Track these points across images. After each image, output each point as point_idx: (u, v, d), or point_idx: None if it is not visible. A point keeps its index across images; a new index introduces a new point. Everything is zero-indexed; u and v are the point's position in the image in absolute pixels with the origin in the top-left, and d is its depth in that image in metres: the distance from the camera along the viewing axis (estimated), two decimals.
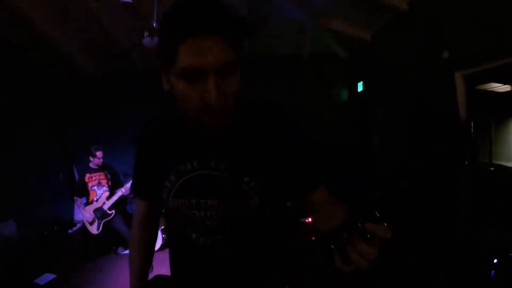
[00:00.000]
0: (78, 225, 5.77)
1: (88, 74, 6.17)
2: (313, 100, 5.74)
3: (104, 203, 4.20)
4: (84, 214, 4.20)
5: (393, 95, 4.67)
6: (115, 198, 4.21)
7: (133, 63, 6.04)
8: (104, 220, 4.20)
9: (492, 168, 3.58)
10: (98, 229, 4.19)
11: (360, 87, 5.49)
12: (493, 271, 2.53)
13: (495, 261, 2.55)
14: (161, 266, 4.15)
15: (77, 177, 4.59)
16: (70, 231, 5.69)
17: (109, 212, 4.20)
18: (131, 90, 6.30)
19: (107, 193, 4.24)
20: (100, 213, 4.19)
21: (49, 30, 4.67)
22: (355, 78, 5.60)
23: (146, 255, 1.24)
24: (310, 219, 4.84)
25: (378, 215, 0.66)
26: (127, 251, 4.66)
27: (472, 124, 3.37)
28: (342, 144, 5.48)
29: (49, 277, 3.84)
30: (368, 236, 0.64)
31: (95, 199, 4.24)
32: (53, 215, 5.80)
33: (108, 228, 4.23)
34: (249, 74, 5.30)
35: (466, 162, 3.38)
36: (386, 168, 4.78)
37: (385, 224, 0.66)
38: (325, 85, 5.84)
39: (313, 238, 4.55)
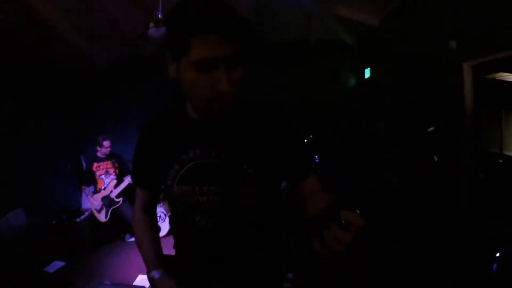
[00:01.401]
0: (86, 214, 5.82)
1: (94, 64, 6.16)
2: (320, 87, 5.68)
3: (111, 191, 4.23)
4: (92, 202, 4.22)
5: (400, 82, 4.61)
6: (122, 186, 4.25)
7: (139, 52, 6.02)
8: (111, 208, 4.23)
9: (501, 160, 3.54)
10: (106, 216, 4.23)
11: (367, 73, 5.42)
12: (495, 265, 2.52)
13: (498, 254, 2.53)
14: (168, 252, 4.19)
15: (84, 166, 4.60)
16: (78, 219, 5.74)
17: (117, 200, 4.24)
18: (138, 79, 6.29)
19: (115, 181, 4.27)
20: (107, 201, 4.22)
21: (54, 21, 4.67)
22: (363, 65, 5.53)
23: (154, 235, 1.29)
24: None
25: (354, 206, 0.72)
26: (134, 238, 4.70)
27: (481, 114, 3.33)
28: (348, 131, 5.45)
29: (58, 264, 3.88)
30: (343, 222, 0.69)
31: (102, 187, 4.26)
32: (61, 204, 5.86)
33: (116, 215, 4.26)
34: (257, 61, 5.31)
35: (472, 153, 3.33)
36: (390, 155, 4.74)
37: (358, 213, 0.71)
38: (332, 71, 5.77)
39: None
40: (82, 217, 5.83)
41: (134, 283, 3.39)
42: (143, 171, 1.20)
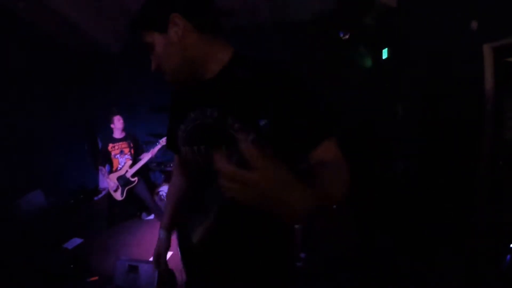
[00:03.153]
0: (103, 193, 5.95)
1: (108, 47, 6.17)
2: (335, 67, 5.57)
3: (127, 171, 4.31)
4: (108, 182, 4.32)
5: (418, 64, 4.47)
6: (137, 166, 4.32)
7: None
8: (127, 187, 4.31)
9: None
10: (122, 195, 4.32)
11: (385, 54, 5.27)
12: (508, 256, 2.48)
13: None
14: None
15: (100, 146, 4.68)
16: (95, 198, 5.89)
17: (132, 179, 4.32)
18: (150, 60, 6.28)
19: (130, 161, 4.34)
20: (123, 180, 4.30)
21: (66, 6, 4.66)
22: (380, 45, 5.37)
23: (177, 197, 1.43)
24: None
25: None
26: (150, 217, 4.80)
27: (503, 98, 3.21)
28: (364, 112, 5.35)
29: (76, 241, 4.02)
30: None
31: (118, 167, 4.34)
32: (79, 184, 6.00)
33: (131, 194, 4.34)
34: (271, 40, 5.22)
35: (492, 139, 3.23)
36: (407, 138, 4.66)
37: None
38: (348, 51, 5.62)
39: (334, 206, 4.54)
40: (100, 196, 5.97)
41: (151, 259, 3.48)
42: (168, 135, 1.32)
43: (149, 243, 3.92)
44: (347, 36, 3.38)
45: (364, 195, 4.62)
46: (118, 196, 4.33)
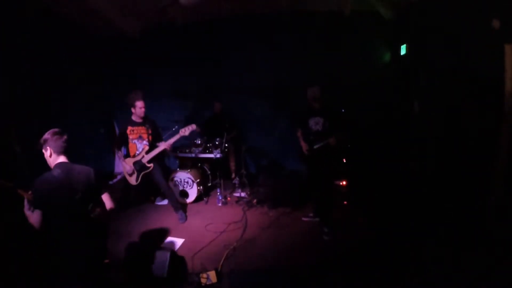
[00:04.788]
0: (119, 177, 6.09)
1: (126, 33, 6.24)
2: (354, 61, 5.52)
3: (143, 156, 4.30)
4: (124, 166, 4.35)
5: (437, 61, 4.40)
6: (154, 152, 4.30)
7: (170, 22, 6.06)
8: (143, 172, 4.32)
9: None
10: (137, 180, 4.35)
11: (403, 50, 5.20)
12: None
13: None
14: (195, 217, 4.38)
15: (118, 130, 4.62)
16: (111, 182, 6.02)
17: (148, 165, 4.30)
18: (169, 48, 6.35)
19: (147, 147, 4.31)
20: (139, 165, 4.31)
21: None
22: (399, 41, 5.29)
23: None
24: (344, 182, 4.85)
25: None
26: (164, 202, 4.90)
27: None
28: (381, 108, 5.32)
29: None
30: None
31: (137, 152, 4.35)
32: (94, 168, 6.12)
33: (146, 179, 4.39)
34: (287, 31, 5.24)
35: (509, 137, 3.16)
36: (424, 135, 4.62)
37: None
38: (366, 45, 5.56)
39: (345, 203, 4.58)
40: (115, 180, 6.11)
41: (163, 245, 3.57)
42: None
43: (162, 228, 4.01)
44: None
45: (378, 192, 4.65)
46: (133, 180, 4.36)
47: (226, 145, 5.31)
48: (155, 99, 6.03)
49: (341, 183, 4.85)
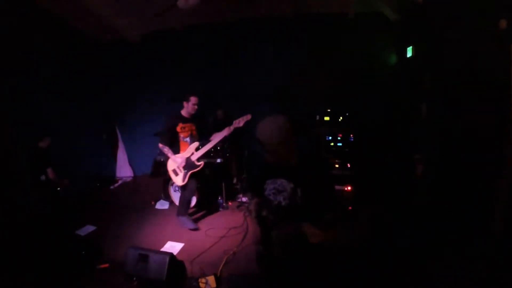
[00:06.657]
0: (120, 182, 6.03)
1: (126, 38, 6.25)
2: (358, 63, 5.45)
3: (192, 153, 3.95)
4: (175, 159, 3.92)
5: (444, 63, 4.32)
6: (207, 147, 3.97)
7: (169, 27, 6.06)
8: (190, 171, 3.90)
9: None
10: (183, 180, 3.90)
11: (409, 52, 5.12)
12: None
13: None
14: (195, 222, 4.27)
15: (165, 123, 4.01)
16: (111, 187, 5.96)
17: (197, 163, 3.93)
18: (169, 52, 6.33)
19: (198, 144, 3.98)
20: (187, 164, 3.92)
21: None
22: (405, 42, 5.21)
23: None
24: (349, 187, 4.72)
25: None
26: (164, 206, 4.80)
27: None
28: (387, 111, 5.22)
29: (90, 228, 4.06)
30: None
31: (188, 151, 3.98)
32: (96, 173, 6.09)
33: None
34: (292, 33, 5.18)
35: None
36: (431, 138, 4.51)
37: None
38: (372, 48, 5.49)
39: (350, 208, 4.45)
40: (116, 184, 6.05)
41: (162, 249, 3.47)
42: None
43: (162, 232, 3.92)
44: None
45: (384, 195, 4.54)
46: (179, 181, 3.93)
47: (228, 150, 5.21)
48: (155, 103, 6.00)
49: (345, 188, 4.72)
